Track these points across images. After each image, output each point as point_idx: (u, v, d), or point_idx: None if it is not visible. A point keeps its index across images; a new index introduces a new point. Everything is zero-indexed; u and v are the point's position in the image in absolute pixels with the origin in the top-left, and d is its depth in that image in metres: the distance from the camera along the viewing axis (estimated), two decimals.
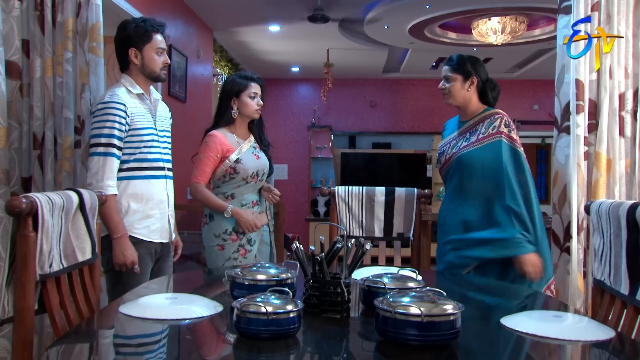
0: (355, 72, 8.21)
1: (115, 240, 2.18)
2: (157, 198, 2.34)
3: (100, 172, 2.17)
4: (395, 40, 6.27)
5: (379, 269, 1.99)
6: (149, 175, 2.32)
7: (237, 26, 5.91)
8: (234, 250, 2.70)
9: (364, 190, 2.85)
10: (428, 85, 8.57)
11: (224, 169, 2.71)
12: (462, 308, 1.28)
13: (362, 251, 1.60)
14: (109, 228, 2.18)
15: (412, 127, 8.64)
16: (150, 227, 2.31)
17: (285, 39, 6.38)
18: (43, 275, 1.54)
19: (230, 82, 2.79)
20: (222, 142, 2.71)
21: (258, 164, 2.78)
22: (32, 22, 2.43)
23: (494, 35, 5.34)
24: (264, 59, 7.35)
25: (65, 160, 2.41)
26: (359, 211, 2.84)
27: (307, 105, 8.65)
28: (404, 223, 2.80)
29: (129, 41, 2.31)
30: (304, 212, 8.44)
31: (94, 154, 2.18)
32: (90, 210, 1.79)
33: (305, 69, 8.04)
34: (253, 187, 2.78)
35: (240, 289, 1.58)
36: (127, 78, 2.34)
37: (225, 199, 2.71)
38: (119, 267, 2.19)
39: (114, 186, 2.20)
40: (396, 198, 2.82)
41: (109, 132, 2.18)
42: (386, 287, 1.54)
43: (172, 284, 2.13)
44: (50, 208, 1.56)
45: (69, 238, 1.69)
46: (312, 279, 1.52)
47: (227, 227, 2.69)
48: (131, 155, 2.26)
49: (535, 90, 8.47)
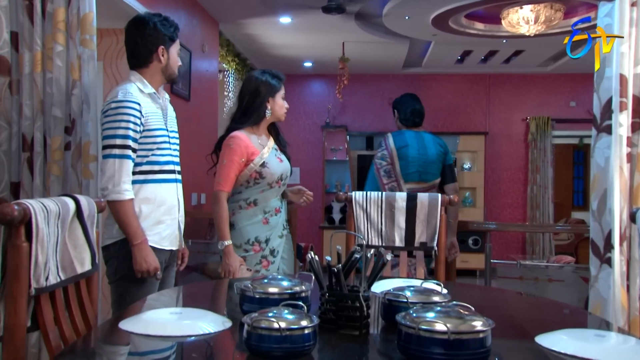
0: (373, 67, 8.21)
1: (135, 247, 2.22)
2: (168, 203, 2.38)
3: (117, 175, 2.20)
4: (417, 32, 6.26)
5: (400, 282, 1.98)
6: (161, 179, 2.35)
7: (245, 18, 5.93)
8: (256, 262, 2.72)
9: (384, 195, 2.84)
10: (453, 81, 8.55)
11: (247, 173, 2.73)
12: (493, 325, 1.27)
13: (383, 262, 1.59)
14: (128, 234, 2.22)
15: (435, 126, 8.59)
16: (161, 233, 2.34)
17: (297, 31, 6.40)
18: (39, 289, 1.54)
19: (265, 82, 2.81)
20: (246, 145, 2.72)
21: (282, 167, 2.82)
22: (20, 12, 2.42)
23: (526, 25, 5.29)
24: (274, 53, 7.37)
25: (54, 164, 2.41)
26: (378, 219, 2.83)
27: (320, 104, 8.65)
28: (427, 231, 2.79)
29: (160, 39, 2.35)
30: (317, 220, 8.44)
31: (109, 156, 2.21)
32: (88, 217, 1.80)
33: (318, 64, 8.05)
34: (277, 192, 2.81)
35: (251, 303, 1.58)
36: (138, 76, 2.37)
37: (247, 206, 2.74)
38: (140, 274, 2.23)
39: (131, 190, 2.23)
40: (418, 204, 2.80)
41: (124, 132, 2.21)
42: (409, 302, 1.53)
43: (181, 297, 2.14)
44: (45, 216, 1.56)
45: (66, 248, 1.69)
46: (328, 292, 1.51)
47: (250, 237, 2.72)
48: (144, 158, 2.30)
49: (572, 85, 8.40)
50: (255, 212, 2.74)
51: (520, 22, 5.31)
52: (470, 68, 8.19)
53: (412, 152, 3.60)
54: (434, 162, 3.64)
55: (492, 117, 8.46)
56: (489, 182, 8.40)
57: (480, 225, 5.71)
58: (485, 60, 7.77)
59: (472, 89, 8.52)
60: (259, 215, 2.76)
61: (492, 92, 8.49)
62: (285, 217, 2.88)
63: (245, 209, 2.76)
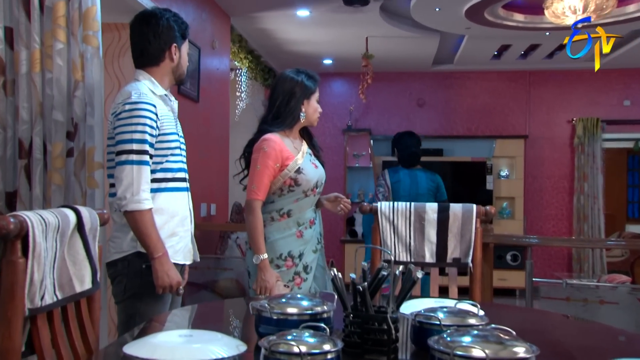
0: (400, 64, 8.21)
1: (156, 260, 2.23)
2: (181, 213, 2.41)
3: (135, 183, 2.21)
4: (449, 25, 6.25)
5: (431, 302, 1.97)
6: (173, 187, 2.39)
7: (259, 11, 5.97)
8: (289, 279, 2.73)
9: (412, 206, 2.84)
10: (488, 79, 8.52)
11: (281, 180, 2.74)
12: (537, 351, 1.26)
13: (413, 280, 1.59)
14: (148, 247, 2.23)
15: (468, 129, 8.57)
16: (174, 246, 2.37)
17: (316, 25, 6.43)
18: (33, 309, 1.55)
19: (300, 83, 2.83)
20: (280, 148, 2.74)
21: (318, 173, 2.83)
22: (16, 6, 2.46)
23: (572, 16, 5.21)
24: (290, 49, 7.41)
25: (56, 172, 2.44)
26: (406, 232, 2.82)
27: (341, 105, 8.67)
28: (460, 246, 2.78)
29: (173, 36, 2.40)
30: (338, 232, 8.44)
31: (126, 162, 2.22)
32: (90, 231, 1.82)
33: (339, 61, 8.08)
34: (312, 202, 2.83)
35: (268, 325, 1.58)
36: (147, 75, 2.39)
37: (280, 217, 2.76)
38: (162, 290, 2.25)
39: (150, 199, 2.25)
40: (451, 216, 2.79)
41: (141, 137, 2.23)
42: (442, 324, 1.53)
43: (191, 317, 2.15)
44: (43, 229, 1.57)
45: (65, 264, 1.71)
46: (352, 313, 1.51)
47: (283, 251, 2.73)
48: (158, 165, 2.32)
49: (625, 81, 8.29)
50: (289, 224, 2.75)
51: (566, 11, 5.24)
52: (508, 64, 8.15)
53: (404, 188, 4.58)
54: (424, 195, 4.57)
55: (532, 118, 8.41)
56: (529, 191, 8.34)
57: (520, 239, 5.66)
58: (525, 55, 7.72)
59: (510, 87, 8.48)
60: (292, 228, 2.77)
61: (533, 91, 8.44)
62: (320, 229, 2.89)
63: (278, 221, 2.77)
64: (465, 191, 8.02)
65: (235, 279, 4.75)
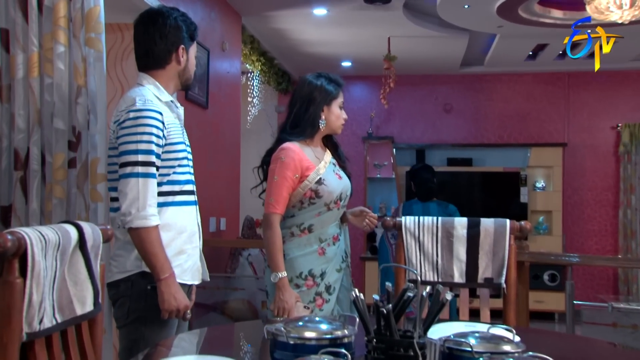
0: (425, 66, 8.22)
1: (162, 282, 2.23)
2: (189, 229, 2.42)
3: (141, 198, 2.21)
4: (479, 23, 6.24)
5: (462, 326, 1.96)
6: (181, 201, 2.39)
7: (273, 9, 6.01)
8: (309, 300, 2.73)
9: (440, 221, 2.83)
10: (522, 82, 8.48)
11: (302, 192, 2.76)
12: None
13: (441, 302, 1.58)
14: (154, 267, 2.22)
15: (500, 137, 8.54)
16: (182, 265, 2.37)
17: (334, 25, 6.46)
18: (31, 334, 1.55)
19: (319, 87, 2.84)
20: (300, 158, 2.75)
21: (342, 184, 2.84)
22: (12, 7, 2.49)
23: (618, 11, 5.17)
24: (306, 51, 7.45)
25: (57, 184, 2.45)
26: (433, 249, 2.82)
27: (361, 111, 8.68)
28: (492, 265, 2.76)
29: (181, 37, 2.41)
30: (358, 249, 8.42)
31: (131, 175, 2.22)
32: (92, 248, 1.82)
33: (359, 64, 8.10)
34: (335, 216, 2.84)
35: (284, 350, 1.58)
36: (151, 80, 2.40)
37: (300, 232, 2.77)
38: (168, 314, 2.25)
39: (157, 215, 2.25)
40: (482, 232, 2.78)
41: (146, 147, 2.23)
42: (473, 351, 1.52)
43: (200, 342, 2.15)
44: (43, 247, 1.58)
45: (65, 285, 1.71)
46: (376, 337, 1.51)
47: (303, 270, 2.74)
48: (164, 177, 2.33)
49: None
50: (310, 240, 2.76)
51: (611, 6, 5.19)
52: (544, 65, 8.11)
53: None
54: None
55: (572, 124, 8.35)
56: (568, 204, 8.27)
57: (559, 257, 5.62)
58: (564, 55, 7.68)
59: (547, 90, 8.44)
60: (314, 245, 2.77)
61: (573, 95, 8.38)
62: (345, 247, 2.89)
63: (299, 236, 2.78)
64: (498, 204, 7.98)
65: (247, 299, 4.76)
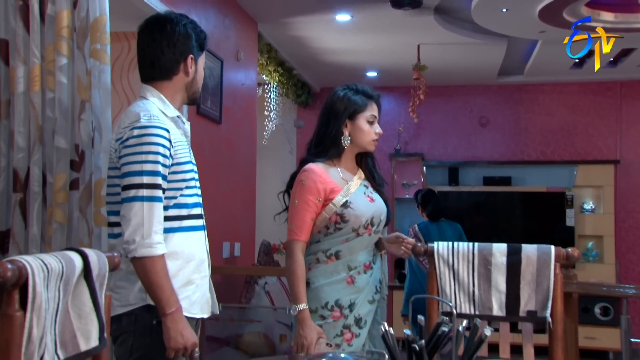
0: (458, 76, 8.22)
1: (168, 317, 2.21)
2: (198, 257, 2.41)
3: (146, 224, 2.19)
4: (519, 28, 6.24)
5: None
6: (189, 226, 2.39)
7: (292, 15, 6.03)
8: (336, 333, 2.72)
9: (476, 247, 2.82)
10: (567, 93, 8.45)
11: (326, 216, 2.76)
12: None
13: (480, 338, 1.58)
14: (159, 300, 2.21)
15: (542, 153, 8.50)
16: (190, 297, 2.36)
17: (358, 32, 6.48)
18: None
19: (341, 99, 2.86)
20: (323, 180, 2.76)
21: (373, 208, 2.83)
22: (12, 15, 2.52)
23: None
24: (328, 60, 7.48)
25: (57, 207, 2.46)
26: (468, 278, 2.80)
27: (388, 125, 8.67)
28: (536, 296, 2.74)
29: (190, 46, 2.42)
30: None
31: (135, 198, 2.20)
32: (97, 278, 1.82)
33: (386, 73, 8.13)
34: (367, 242, 2.82)
35: None
36: (156, 92, 2.40)
37: (327, 259, 2.77)
38: (174, 353, 2.23)
39: (163, 242, 2.24)
40: (523, 259, 2.76)
41: (152, 168, 2.22)
42: None
43: None
44: (45, 276, 1.57)
45: (69, 318, 1.71)
46: None
47: (329, 300, 2.73)
48: (171, 200, 2.32)
49: None
50: (337, 267, 2.75)
51: None
52: (592, 74, 8.03)
53: (434, 235, 5.88)
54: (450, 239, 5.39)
55: (625, 139, 8.28)
56: (621, 228, 8.18)
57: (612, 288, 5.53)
58: (616, 62, 7.63)
59: (596, 102, 8.39)
60: (341, 273, 2.76)
61: (626, 106, 8.32)
62: (380, 276, 2.87)
63: (325, 263, 2.78)
64: (540, 228, 7.91)
65: (264, 332, 4.75)
